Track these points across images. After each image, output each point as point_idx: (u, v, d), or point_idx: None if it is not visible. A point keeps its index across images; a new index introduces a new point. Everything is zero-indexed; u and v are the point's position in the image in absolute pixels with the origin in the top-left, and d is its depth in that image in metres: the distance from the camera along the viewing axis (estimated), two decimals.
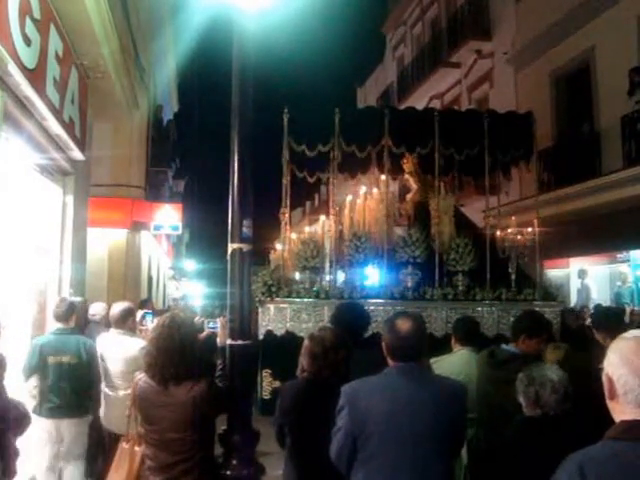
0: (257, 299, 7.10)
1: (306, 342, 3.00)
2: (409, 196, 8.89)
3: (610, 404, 1.48)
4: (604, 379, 1.48)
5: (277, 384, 6.48)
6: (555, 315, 7.54)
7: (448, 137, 7.83)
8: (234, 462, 3.14)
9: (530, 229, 7.98)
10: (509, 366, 3.45)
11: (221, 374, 3.13)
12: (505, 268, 7.66)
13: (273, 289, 7.15)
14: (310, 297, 7.21)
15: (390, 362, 2.52)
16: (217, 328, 4.98)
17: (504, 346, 3.93)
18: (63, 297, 5.21)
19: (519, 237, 7.83)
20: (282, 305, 7.14)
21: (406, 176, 8.95)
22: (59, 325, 4.66)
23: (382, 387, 2.44)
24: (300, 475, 2.86)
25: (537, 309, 6.98)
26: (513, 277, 7.63)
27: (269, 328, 7.06)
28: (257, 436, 3.31)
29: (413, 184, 8.82)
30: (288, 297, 7.19)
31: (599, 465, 1.38)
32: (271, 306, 7.11)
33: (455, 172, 8.54)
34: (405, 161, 8.64)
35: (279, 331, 7.04)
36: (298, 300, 7.18)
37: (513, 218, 8.40)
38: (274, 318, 7.09)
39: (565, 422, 2.53)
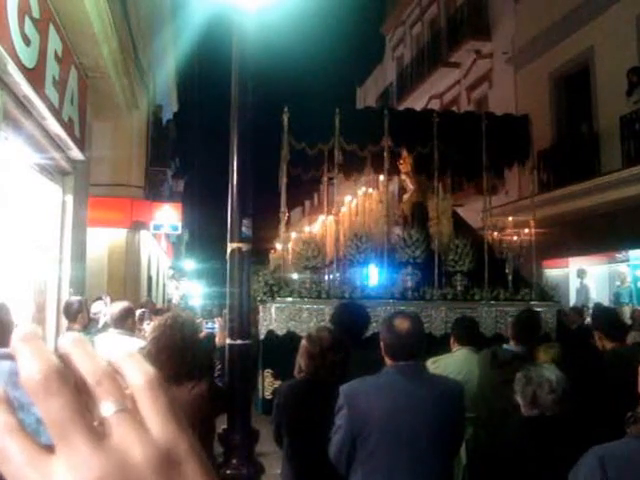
0: (259, 299, 7.11)
1: (304, 342, 3.00)
2: (406, 197, 8.90)
3: None
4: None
5: (278, 384, 6.48)
6: (551, 315, 7.56)
7: (447, 138, 7.88)
8: (234, 461, 3.14)
9: (527, 230, 8.02)
10: (512, 366, 3.46)
11: (220, 374, 3.13)
12: (503, 268, 7.69)
13: (275, 289, 7.15)
14: (311, 297, 7.22)
15: (388, 361, 2.52)
16: (215, 329, 4.97)
17: (506, 346, 3.94)
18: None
19: (515, 238, 7.87)
20: (283, 305, 7.14)
21: (402, 177, 8.97)
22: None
23: (381, 386, 2.45)
24: (298, 475, 2.86)
25: (534, 309, 7.00)
26: (510, 277, 7.66)
27: (270, 328, 7.06)
28: (257, 436, 3.32)
29: (410, 185, 8.83)
30: (289, 297, 7.20)
31: (620, 459, 1.39)
32: (272, 306, 7.11)
33: (450, 173, 8.61)
34: (401, 162, 8.67)
35: (280, 331, 7.05)
36: (299, 300, 7.18)
37: (510, 219, 8.43)
38: (275, 318, 7.09)
39: (562, 422, 2.53)
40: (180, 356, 2.75)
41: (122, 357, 0.41)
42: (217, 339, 4.60)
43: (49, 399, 0.36)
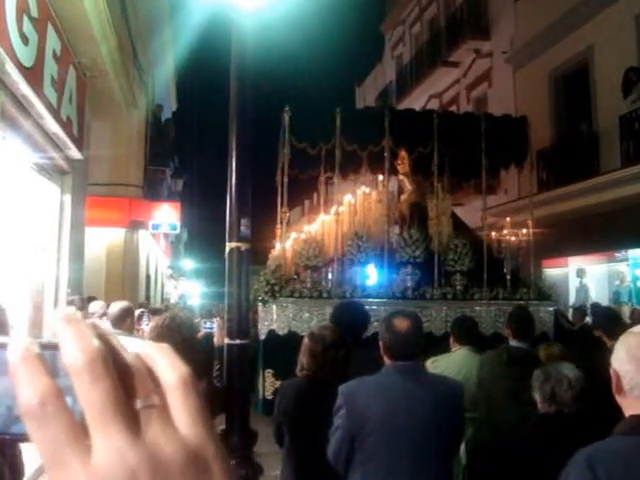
0: (260, 299, 7.09)
1: (306, 340, 3.00)
2: (403, 197, 8.89)
3: (618, 399, 1.50)
4: (612, 374, 1.49)
5: (279, 384, 6.45)
6: (550, 314, 7.57)
7: (446, 139, 7.89)
8: (232, 462, 3.13)
9: (525, 230, 8.03)
10: (525, 363, 3.47)
11: (219, 374, 3.12)
12: (501, 268, 7.70)
13: (276, 288, 7.14)
14: (312, 296, 7.20)
15: (387, 361, 2.51)
16: (213, 329, 4.96)
17: (514, 344, 3.95)
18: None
19: (514, 238, 7.89)
20: (284, 305, 7.12)
21: (400, 177, 8.97)
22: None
23: (380, 386, 2.43)
24: (298, 474, 2.85)
25: (532, 308, 7.01)
26: (508, 277, 7.67)
27: (272, 328, 7.05)
28: (255, 436, 3.30)
29: (408, 185, 8.82)
30: (290, 296, 7.18)
31: (607, 458, 1.40)
32: (273, 306, 7.10)
33: (449, 173, 8.64)
34: (399, 162, 8.67)
35: (282, 330, 7.03)
36: (300, 299, 7.17)
37: (508, 219, 8.44)
38: (277, 318, 7.08)
39: (579, 420, 2.52)
40: (179, 356, 2.73)
41: (154, 351, 0.40)
42: (215, 339, 4.59)
43: (92, 383, 0.35)
